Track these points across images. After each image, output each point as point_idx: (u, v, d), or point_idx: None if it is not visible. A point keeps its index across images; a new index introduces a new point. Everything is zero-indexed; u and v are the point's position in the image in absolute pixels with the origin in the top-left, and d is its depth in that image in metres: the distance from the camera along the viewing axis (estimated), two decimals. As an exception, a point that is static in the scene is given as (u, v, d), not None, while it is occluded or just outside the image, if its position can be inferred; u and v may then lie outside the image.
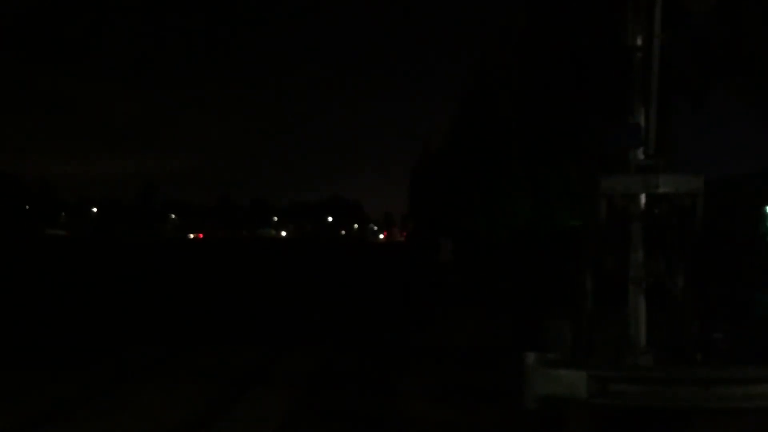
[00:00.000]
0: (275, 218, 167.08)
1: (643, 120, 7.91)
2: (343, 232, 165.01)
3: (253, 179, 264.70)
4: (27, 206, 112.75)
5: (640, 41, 7.99)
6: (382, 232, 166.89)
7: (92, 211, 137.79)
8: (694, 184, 7.54)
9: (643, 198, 7.89)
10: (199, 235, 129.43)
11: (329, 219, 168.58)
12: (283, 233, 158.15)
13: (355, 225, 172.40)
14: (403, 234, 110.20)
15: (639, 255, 7.81)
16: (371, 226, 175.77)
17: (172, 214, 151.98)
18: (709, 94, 9.79)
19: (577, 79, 11.20)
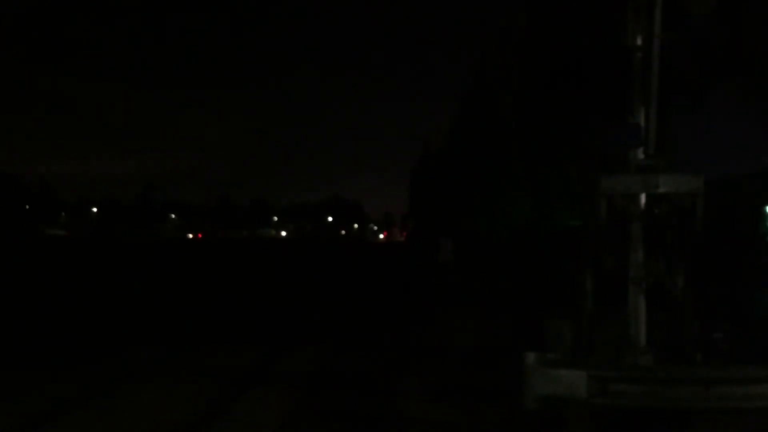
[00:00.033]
0: (275, 218, 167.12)
1: (643, 120, 7.91)
2: (343, 232, 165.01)
3: (253, 179, 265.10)
4: (27, 206, 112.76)
5: (640, 41, 7.99)
6: (382, 232, 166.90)
7: (92, 211, 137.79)
8: (694, 184, 7.54)
9: (643, 198, 7.90)
10: (198, 235, 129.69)
11: (329, 219, 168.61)
12: (283, 233, 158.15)
13: (355, 225, 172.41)
14: (403, 234, 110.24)
15: (639, 255, 7.81)
16: (371, 226, 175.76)
17: (172, 214, 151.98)
18: (709, 94, 9.81)
19: (577, 79, 11.22)
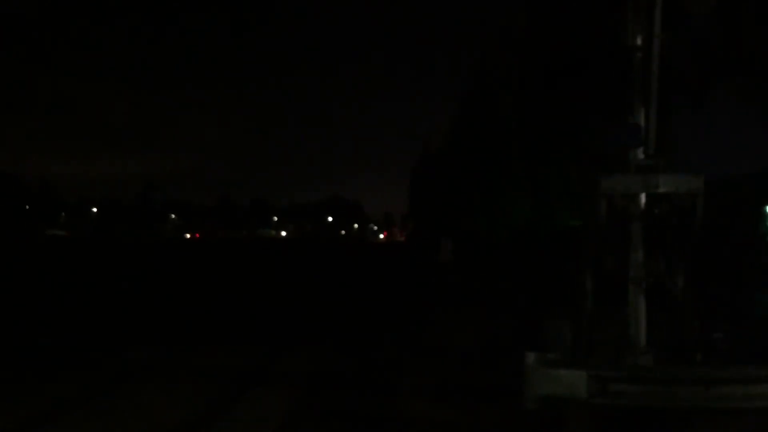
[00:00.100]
0: (275, 218, 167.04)
1: (643, 120, 7.91)
2: (343, 232, 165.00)
3: (253, 179, 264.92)
4: (27, 206, 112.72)
5: (640, 41, 8.00)
6: (382, 232, 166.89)
7: (92, 211, 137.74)
8: (694, 184, 7.54)
9: (643, 198, 7.90)
10: (196, 235, 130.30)
11: (329, 219, 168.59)
12: (283, 233, 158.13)
13: (355, 225, 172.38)
14: (403, 234, 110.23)
15: (639, 255, 7.82)
16: (371, 226, 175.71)
17: (172, 214, 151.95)
18: (709, 94, 9.81)
19: (577, 80, 11.21)
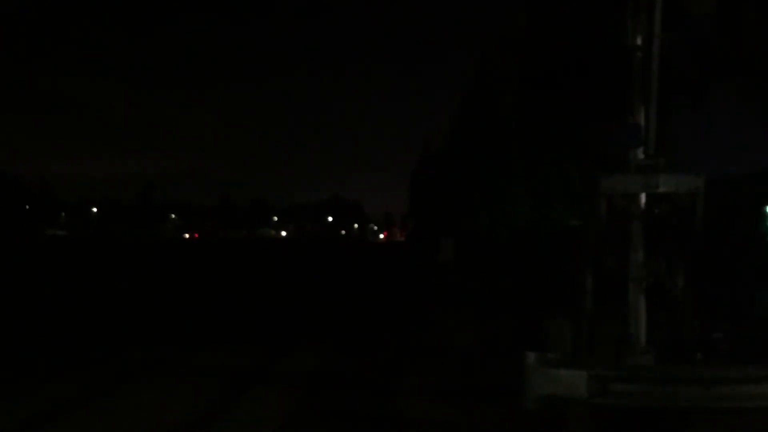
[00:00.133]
0: (275, 218, 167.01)
1: (643, 120, 7.92)
2: (343, 232, 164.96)
3: (253, 179, 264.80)
4: (27, 206, 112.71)
5: (640, 41, 8.00)
6: (382, 232, 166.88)
7: (92, 211, 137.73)
8: (694, 183, 7.55)
9: (643, 198, 7.90)
10: (195, 235, 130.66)
11: (329, 219, 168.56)
12: (283, 233, 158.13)
13: (355, 225, 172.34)
14: (403, 234, 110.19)
15: (639, 255, 7.83)
16: (371, 226, 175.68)
17: (172, 214, 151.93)
18: (709, 94, 9.80)
19: (577, 80, 11.20)
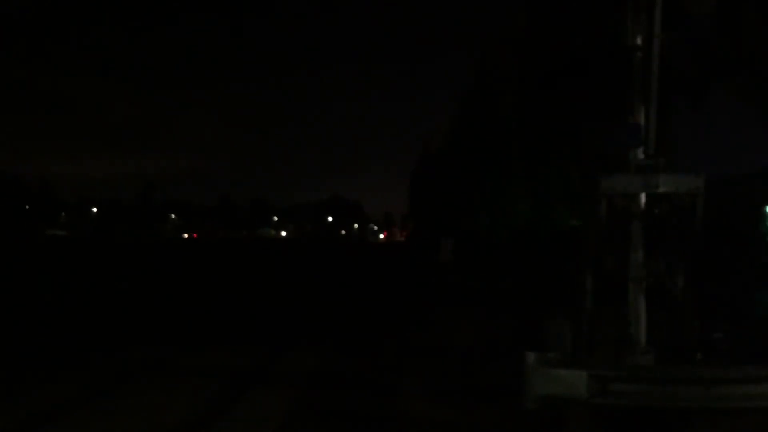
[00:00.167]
0: (275, 218, 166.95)
1: (643, 120, 7.92)
2: (343, 232, 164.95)
3: (253, 179, 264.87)
4: (27, 206, 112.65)
5: (640, 41, 8.01)
6: (382, 232, 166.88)
7: (92, 211, 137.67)
8: (694, 183, 7.56)
9: (643, 198, 7.90)
10: (194, 235, 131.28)
11: (329, 219, 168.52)
12: (283, 233, 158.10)
13: (355, 225, 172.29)
14: (403, 234, 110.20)
15: (639, 255, 7.83)
16: (371, 226, 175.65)
17: (172, 214, 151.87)
18: (709, 94, 9.79)
19: (577, 79, 11.18)
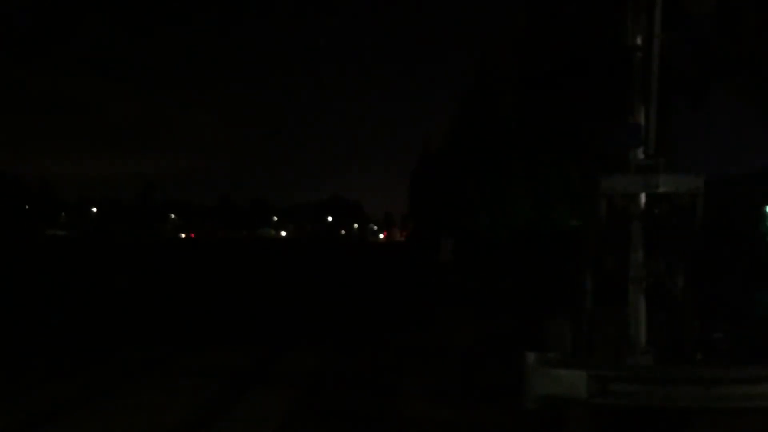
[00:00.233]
0: (275, 218, 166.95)
1: (643, 120, 7.92)
2: (343, 232, 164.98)
3: (253, 179, 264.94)
4: (27, 206, 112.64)
5: (640, 41, 8.01)
6: (382, 232, 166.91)
7: (92, 211, 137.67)
8: (694, 183, 7.56)
9: (643, 198, 7.90)
10: (191, 235, 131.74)
11: (329, 219, 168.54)
12: (283, 233, 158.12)
13: (355, 225, 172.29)
14: (403, 234, 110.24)
15: (639, 255, 7.83)
16: (371, 226, 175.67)
17: (172, 214, 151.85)
18: (709, 94, 9.80)
19: (577, 79, 11.18)
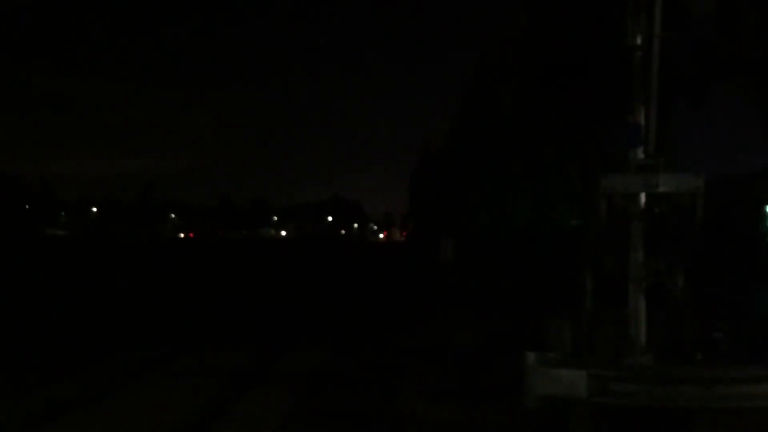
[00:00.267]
0: (275, 218, 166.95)
1: (643, 120, 7.92)
2: (342, 232, 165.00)
3: (253, 179, 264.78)
4: (27, 206, 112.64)
5: (640, 41, 8.00)
6: (382, 232, 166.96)
7: (92, 211, 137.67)
8: (694, 183, 7.55)
9: (643, 198, 7.90)
10: (190, 235, 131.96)
11: (329, 219, 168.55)
12: (283, 233, 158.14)
13: (355, 225, 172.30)
14: (403, 234, 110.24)
15: (639, 255, 7.82)
16: (371, 225, 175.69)
17: (172, 214, 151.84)
18: (709, 94, 9.79)
19: (577, 79, 11.19)
